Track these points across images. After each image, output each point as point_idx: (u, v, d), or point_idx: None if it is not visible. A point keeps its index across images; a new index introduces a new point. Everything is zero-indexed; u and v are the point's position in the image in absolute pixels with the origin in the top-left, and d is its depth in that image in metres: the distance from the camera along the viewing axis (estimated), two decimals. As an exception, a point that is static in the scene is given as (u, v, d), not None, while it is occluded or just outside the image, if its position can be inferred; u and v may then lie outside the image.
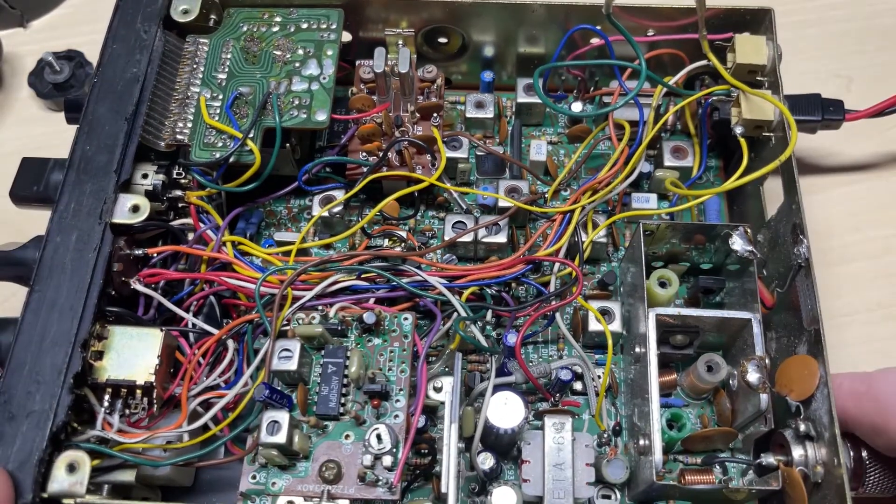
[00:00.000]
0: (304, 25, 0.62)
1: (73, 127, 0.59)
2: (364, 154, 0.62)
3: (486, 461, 0.53)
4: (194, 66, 0.61)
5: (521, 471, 0.53)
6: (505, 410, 0.52)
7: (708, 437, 0.55)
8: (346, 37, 0.66)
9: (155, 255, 0.56)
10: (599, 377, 0.58)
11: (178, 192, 0.57)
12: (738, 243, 0.55)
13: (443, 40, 0.67)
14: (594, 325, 0.58)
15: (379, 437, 0.50)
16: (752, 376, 0.51)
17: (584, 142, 0.67)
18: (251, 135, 0.58)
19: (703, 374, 0.55)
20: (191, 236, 0.58)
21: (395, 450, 0.50)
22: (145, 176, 0.57)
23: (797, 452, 0.50)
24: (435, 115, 0.63)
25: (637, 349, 0.55)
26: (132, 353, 0.52)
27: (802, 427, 0.49)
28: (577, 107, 0.67)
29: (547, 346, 0.61)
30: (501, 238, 0.61)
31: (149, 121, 0.58)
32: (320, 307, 0.55)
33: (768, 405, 0.51)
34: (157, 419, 0.54)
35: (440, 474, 0.54)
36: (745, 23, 0.62)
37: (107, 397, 0.51)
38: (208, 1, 0.62)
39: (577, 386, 0.58)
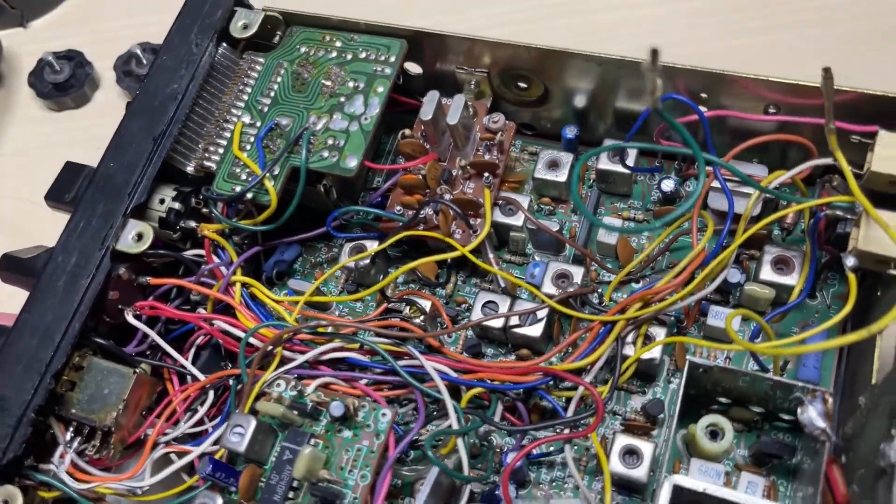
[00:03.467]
0: (363, 55, 0.56)
1: (73, 124, 0.60)
2: (399, 208, 0.55)
3: None
4: (241, 87, 0.57)
5: None
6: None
7: None
8: (416, 69, 0.59)
9: (158, 285, 0.54)
10: (612, 527, 0.48)
11: (192, 224, 0.54)
12: (808, 415, 0.42)
13: (522, 85, 0.58)
14: (616, 467, 0.47)
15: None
16: None
17: (671, 226, 0.55)
18: (275, 172, 0.53)
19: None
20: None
21: (329, 572, 0.43)
22: (162, 201, 0.54)
23: None
24: (487, 174, 0.54)
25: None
26: (103, 391, 0.50)
27: None
28: (668, 184, 0.55)
29: (564, 466, 0.51)
30: (535, 331, 0.52)
31: (181, 140, 0.55)
32: (303, 378, 0.50)
33: None
34: (126, 458, 0.51)
35: None
36: (899, 113, 0.47)
37: (70, 432, 0.49)
38: (270, 17, 0.58)
39: (584, 529, 0.48)
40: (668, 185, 0.55)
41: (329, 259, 0.61)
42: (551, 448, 0.50)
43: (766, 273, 0.51)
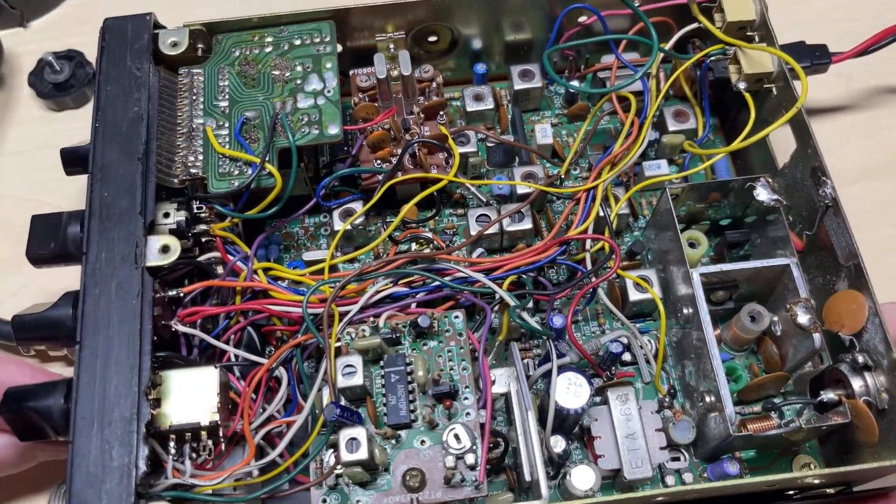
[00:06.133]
0: (297, 42, 0.62)
1: (73, 124, 0.58)
2: (378, 162, 0.62)
3: (558, 444, 0.53)
4: (193, 98, 0.60)
5: (594, 447, 0.54)
6: (571, 390, 0.53)
7: (761, 385, 0.56)
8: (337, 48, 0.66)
9: (189, 294, 0.55)
10: (649, 343, 0.59)
11: (203, 227, 0.56)
12: (762, 194, 0.56)
13: (433, 39, 0.67)
14: (634, 296, 0.59)
15: (457, 437, 0.50)
16: (803, 318, 0.52)
17: (586, 119, 0.68)
18: (267, 158, 0.57)
19: (747, 324, 0.56)
20: (219, 269, 0.57)
21: (474, 447, 0.50)
22: (167, 215, 0.55)
23: (857, 384, 0.51)
24: (441, 113, 0.63)
25: (685, 310, 0.56)
26: (190, 396, 0.50)
27: (860, 359, 0.51)
28: (574, 84, 0.68)
29: (588, 323, 0.62)
30: (527, 224, 0.61)
31: (158, 159, 0.56)
32: (368, 319, 0.55)
33: (822, 343, 0.52)
34: (222, 459, 0.53)
35: (512, 466, 0.55)
36: (726, -18, 0.64)
37: (172, 444, 0.50)
38: (195, 31, 0.61)
39: (626, 357, 0.59)
40: (575, 84, 0.68)
41: (309, 236, 0.65)
42: (580, 307, 0.61)
43: (672, 125, 0.65)
